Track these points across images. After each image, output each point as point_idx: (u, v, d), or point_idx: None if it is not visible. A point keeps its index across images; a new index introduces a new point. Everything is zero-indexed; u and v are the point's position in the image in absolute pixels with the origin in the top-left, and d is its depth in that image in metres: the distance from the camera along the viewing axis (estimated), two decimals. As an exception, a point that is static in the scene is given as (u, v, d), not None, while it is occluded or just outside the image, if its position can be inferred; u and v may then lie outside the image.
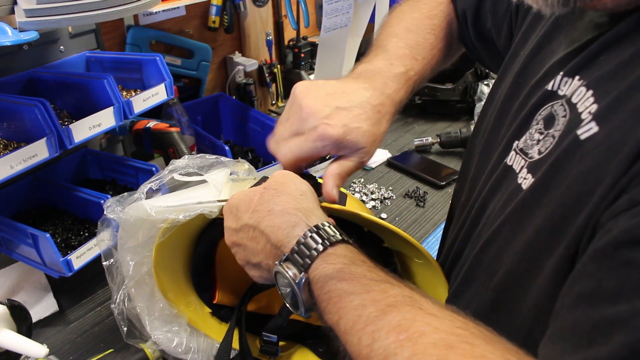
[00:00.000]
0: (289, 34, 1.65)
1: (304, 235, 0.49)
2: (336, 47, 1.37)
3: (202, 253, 0.68)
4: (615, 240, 0.35)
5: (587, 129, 0.41)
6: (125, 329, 0.68)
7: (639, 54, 0.40)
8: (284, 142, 0.58)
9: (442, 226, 1.13)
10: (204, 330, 0.71)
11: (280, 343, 0.71)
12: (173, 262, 0.68)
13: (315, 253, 0.47)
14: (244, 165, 0.68)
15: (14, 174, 0.77)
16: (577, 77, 0.45)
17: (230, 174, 0.66)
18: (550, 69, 0.50)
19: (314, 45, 1.62)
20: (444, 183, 1.28)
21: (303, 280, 0.47)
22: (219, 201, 0.60)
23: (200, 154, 0.67)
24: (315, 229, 0.49)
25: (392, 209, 1.21)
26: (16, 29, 0.74)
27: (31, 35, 0.75)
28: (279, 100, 1.68)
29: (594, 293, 0.35)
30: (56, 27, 1.01)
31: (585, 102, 0.43)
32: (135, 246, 0.64)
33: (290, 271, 0.48)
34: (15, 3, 0.75)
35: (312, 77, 1.59)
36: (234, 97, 1.51)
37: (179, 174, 0.65)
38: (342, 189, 0.65)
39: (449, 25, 0.72)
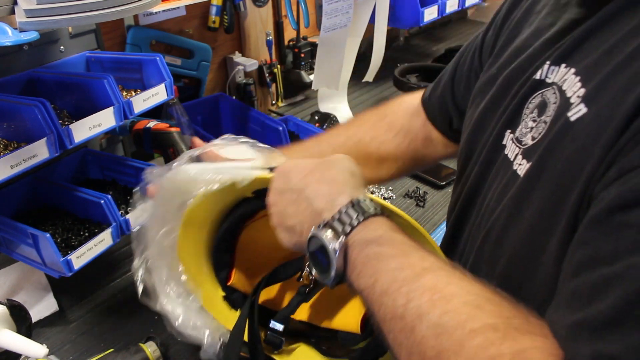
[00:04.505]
0: (289, 34, 1.64)
1: (346, 205, 0.50)
2: (336, 47, 1.37)
3: (229, 229, 0.68)
4: (608, 206, 0.36)
5: (577, 111, 0.43)
6: (141, 287, 0.67)
7: (619, 42, 0.42)
8: None
9: (442, 226, 1.14)
10: (214, 314, 0.71)
11: None
12: (199, 234, 0.68)
13: (356, 222, 0.49)
14: (279, 156, 0.67)
15: (14, 174, 0.77)
16: (563, 65, 0.48)
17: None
18: (537, 59, 0.53)
19: (314, 45, 1.62)
20: (444, 183, 1.28)
21: (341, 244, 0.48)
22: (261, 169, 0.61)
23: (239, 136, 0.68)
24: (357, 201, 0.50)
25: (392, 209, 1.21)
26: (16, 29, 0.74)
27: (31, 36, 0.75)
28: (279, 100, 1.68)
29: (592, 258, 0.36)
30: (56, 27, 1.01)
31: (573, 87, 0.45)
32: (166, 213, 0.64)
33: (329, 236, 0.49)
34: (15, 3, 0.75)
35: (312, 77, 1.59)
36: (234, 97, 1.51)
37: (222, 139, 0.66)
38: None
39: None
